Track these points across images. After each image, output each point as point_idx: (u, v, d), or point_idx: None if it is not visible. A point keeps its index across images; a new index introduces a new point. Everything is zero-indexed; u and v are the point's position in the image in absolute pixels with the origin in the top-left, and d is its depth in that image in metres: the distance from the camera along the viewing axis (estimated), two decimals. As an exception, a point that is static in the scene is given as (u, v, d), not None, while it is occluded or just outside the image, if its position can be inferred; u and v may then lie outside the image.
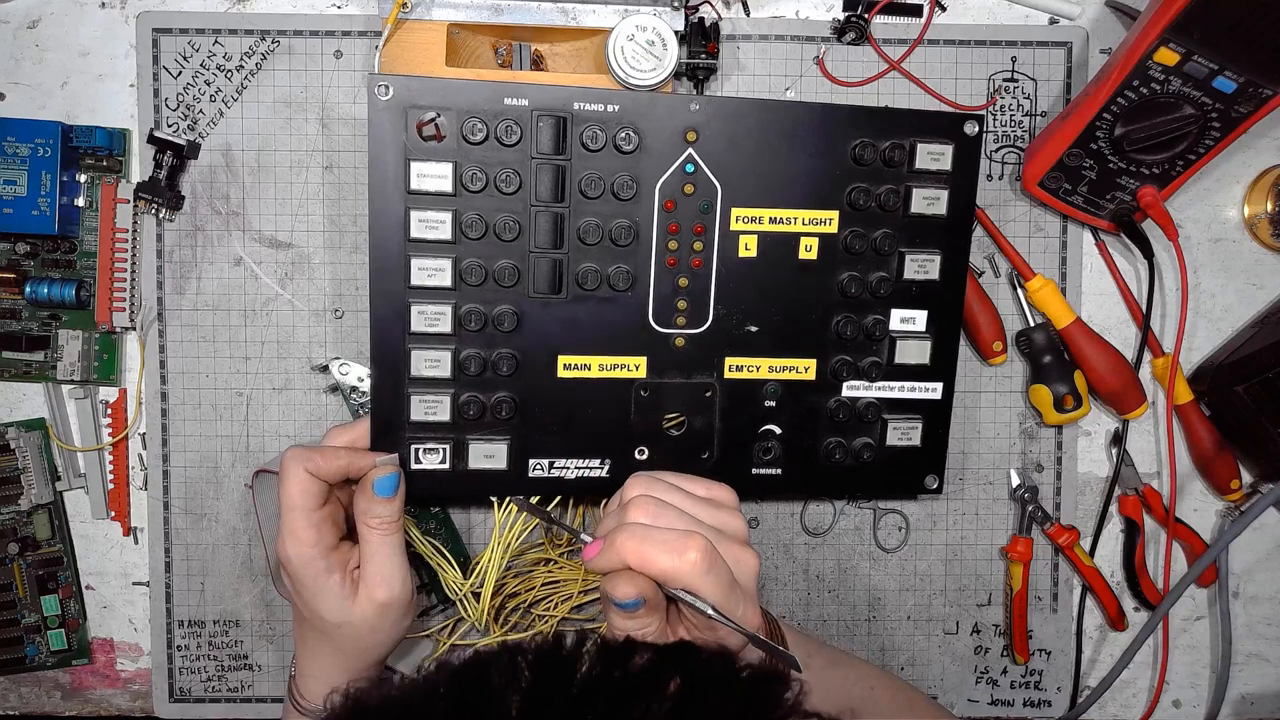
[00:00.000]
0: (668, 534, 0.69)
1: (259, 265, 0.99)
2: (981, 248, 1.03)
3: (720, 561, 0.69)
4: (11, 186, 0.93)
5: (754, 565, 0.73)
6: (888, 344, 0.94)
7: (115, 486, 1.01)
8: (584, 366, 0.91)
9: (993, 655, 1.08)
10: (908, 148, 0.90)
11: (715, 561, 0.68)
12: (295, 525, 0.84)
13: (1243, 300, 1.06)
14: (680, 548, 0.68)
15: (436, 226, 0.85)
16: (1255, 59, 0.86)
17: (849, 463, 0.96)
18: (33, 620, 1.01)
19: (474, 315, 0.88)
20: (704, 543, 0.69)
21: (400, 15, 0.92)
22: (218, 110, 0.98)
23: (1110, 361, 1.01)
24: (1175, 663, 1.09)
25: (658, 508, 0.73)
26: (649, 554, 0.69)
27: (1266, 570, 1.09)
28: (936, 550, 1.06)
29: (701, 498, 0.77)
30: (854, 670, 0.90)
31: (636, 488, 0.76)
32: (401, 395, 0.89)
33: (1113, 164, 0.95)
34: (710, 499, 0.77)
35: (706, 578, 0.68)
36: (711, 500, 0.77)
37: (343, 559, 0.86)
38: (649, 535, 0.70)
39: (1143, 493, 1.05)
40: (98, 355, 0.99)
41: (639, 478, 0.78)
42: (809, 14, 1.01)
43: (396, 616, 0.87)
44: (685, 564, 0.68)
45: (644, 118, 0.87)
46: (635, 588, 0.69)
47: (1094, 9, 1.02)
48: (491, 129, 0.85)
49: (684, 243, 0.89)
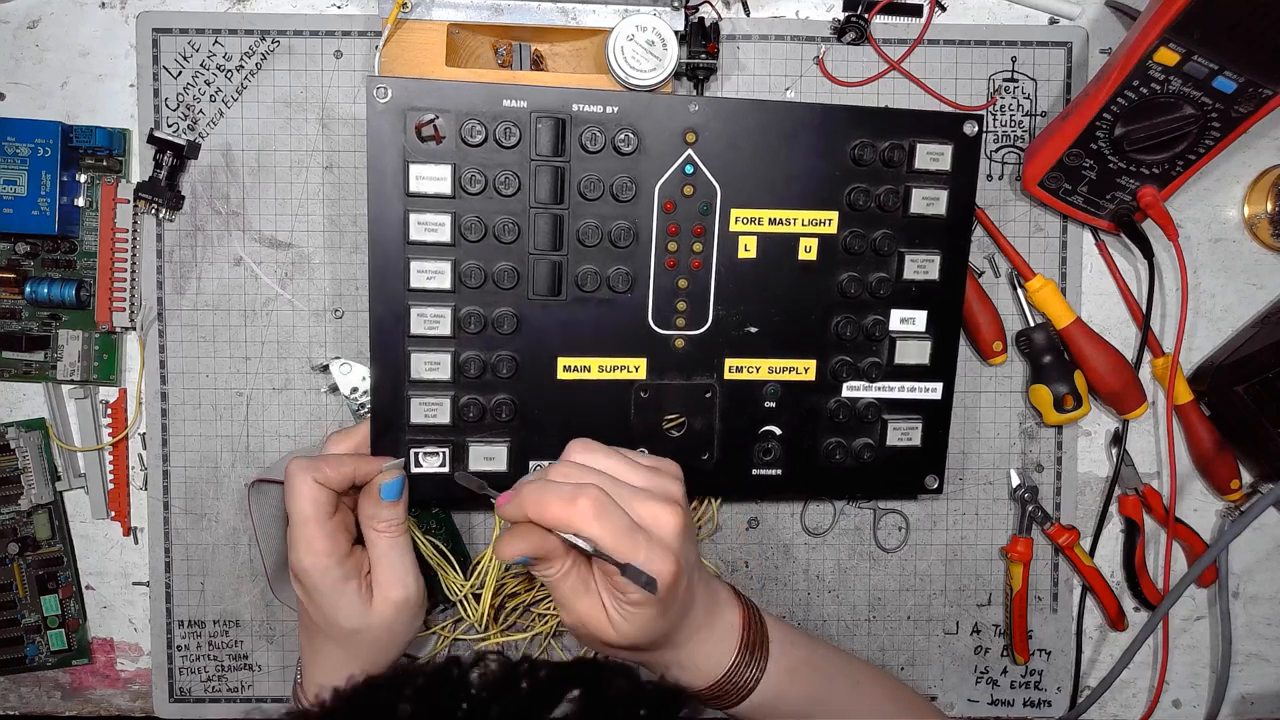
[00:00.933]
0: (563, 486, 0.74)
1: (259, 265, 0.99)
2: (981, 248, 1.03)
3: (613, 511, 0.73)
4: (11, 186, 0.93)
5: (673, 521, 0.76)
6: (887, 344, 0.94)
7: (115, 486, 1.01)
8: (584, 368, 0.91)
9: (993, 655, 1.08)
10: (907, 148, 0.90)
11: (606, 510, 0.73)
12: (310, 536, 0.84)
13: (1243, 300, 1.06)
14: (571, 497, 0.73)
15: (436, 229, 0.85)
16: (1255, 59, 0.86)
17: (849, 463, 0.97)
18: (33, 620, 1.01)
19: (473, 317, 0.88)
20: (595, 492, 0.73)
21: (400, 15, 0.92)
22: (218, 110, 0.98)
23: (1110, 361, 1.01)
24: (1175, 663, 1.09)
25: (576, 469, 0.78)
26: (545, 503, 0.74)
27: (1266, 570, 1.09)
28: (936, 550, 1.06)
29: (640, 464, 0.81)
30: (841, 666, 0.90)
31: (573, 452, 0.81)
32: (401, 398, 0.89)
33: (1113, 164, 0.95)
34: (649, 466, 0.81)
35: (595, 523, 0.72)
36: (649, 466, 0.81)
37: (357, 565, 0.86)
38: (547, 487, 0.75)
39: (1143, 493, 1.05)
40: (98, 355, 0.99)
41: (577, 443, 0.81)
42: (809, 14, 1.01)
43: (410, 616, 0.88)
44: (575, 511, 0.72)
45: (643, 119, 0.87)
46: (516, 548, 0.76)
47: (1094, 9, 1.02)
48: (490, 131, 0.84)
49: (683, 244, 0.89)
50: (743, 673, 0.82)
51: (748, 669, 0.82)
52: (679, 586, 0.76)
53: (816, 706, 0.86)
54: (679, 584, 0.76)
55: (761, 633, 0.84)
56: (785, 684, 0.84)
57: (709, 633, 0.82)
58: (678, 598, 0.77)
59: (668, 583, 0.74)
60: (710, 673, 0.82)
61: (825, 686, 0.87)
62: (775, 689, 0.84)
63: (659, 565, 0.73)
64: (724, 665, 0.82)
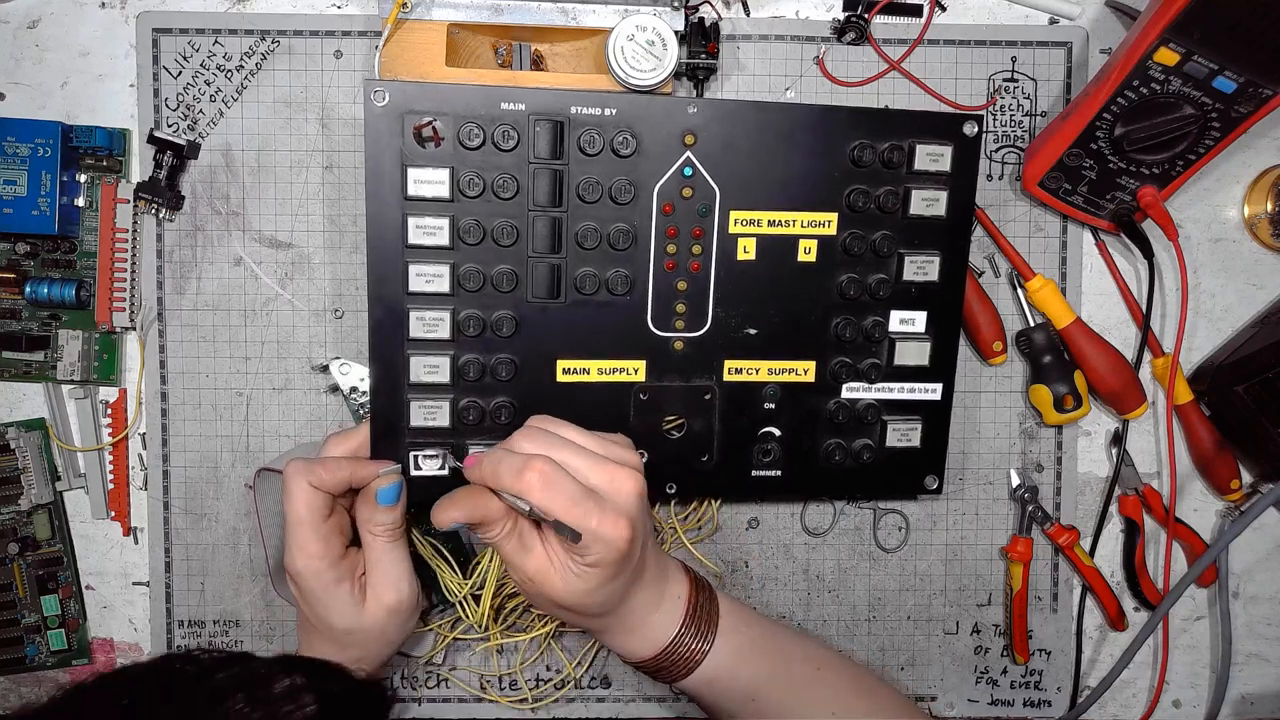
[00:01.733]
0: (516, 457, 0.77)
1: (259, 265, 0.99)
2: (981, 248, 1.03)
3: (561, 480, 0.76)
4: (11, 186, 0.93)
5: (631, 485, 0.78)
6: (887, 345, 0.94)
7: (115, 486, 1.01)
8: (583, 370, 0.91)
9: (993, 655, 1.08)
10: (907, 149, 0.90)
11: (552, 480, 0.75)
12: (303, 539, 0.84)
13: (1243, 300, 1.06)
14: (520, 468, 0.76)
15: (434, 232, 0.85)
16: (1255, 59, 0.86)
17: (848, 464, 0.97)
18: (33, 620, 1.01)
19: (472, 320, 0.88)
20: (543, 463, 0.76)
21: (400, 15, 0.92)
22: (218, 110, 0.98)
23: (1110, 361, 1.01)
24: (1175, 663, 1.09)
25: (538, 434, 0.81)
26: (498, 473, 0.77)
27: (1266, 570, 1.09)
28: (936, 550, 1.06)
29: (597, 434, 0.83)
30: (802, 652, 0.90)
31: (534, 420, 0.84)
32: (401, 401, 0.89)
33: (1113, 164, 0.95)
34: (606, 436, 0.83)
35: (542, 493, 0.75)
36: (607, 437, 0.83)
37: (351, 567, 0.87)
38: (502, 457, 0.78)
39: (1143, 493, 1.05)
40: (98, 355, 0.99)
41: (538, 416, 0.84)
42: (809, 14, 1.01)
43: (403, 619, 0.89)
44: (522, 482, 0.75)
45: (641, 121, 0.87)
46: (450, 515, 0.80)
47: (1094, 9, 1.01)
48: (488, 134, 0.84)
49: (682, 246, 0.89)
50: (688, 645, 0.84)
51: (693, 642, 0.84)
52: (633, 549, 0.78)
53: (767, 687, 0.87)
54: (633, 547, 0.78)
55: (710, 609, 0.86)
56: (734, 661, 0.85)
57: (655, 603, 0.84)
58: (631, 562, 0.79)
59: (620, 547, 0.76)
60: (655, 642, 0.84)
61: (780, 669, 0.88)
62: (722, 665, 0.85)
63: (610, 529, 0.75)
64: (668, 636, 0.84)
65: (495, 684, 1.04)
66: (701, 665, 0.84)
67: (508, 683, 1.05)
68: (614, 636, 0.85)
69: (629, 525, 0.76)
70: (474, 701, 1.04)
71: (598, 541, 0.75)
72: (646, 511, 0.80)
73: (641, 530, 0.78)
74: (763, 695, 0.86)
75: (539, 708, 1.05)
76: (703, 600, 0.86)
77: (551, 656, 1.04)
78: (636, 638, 0.84)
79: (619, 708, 1.06)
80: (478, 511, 0.80)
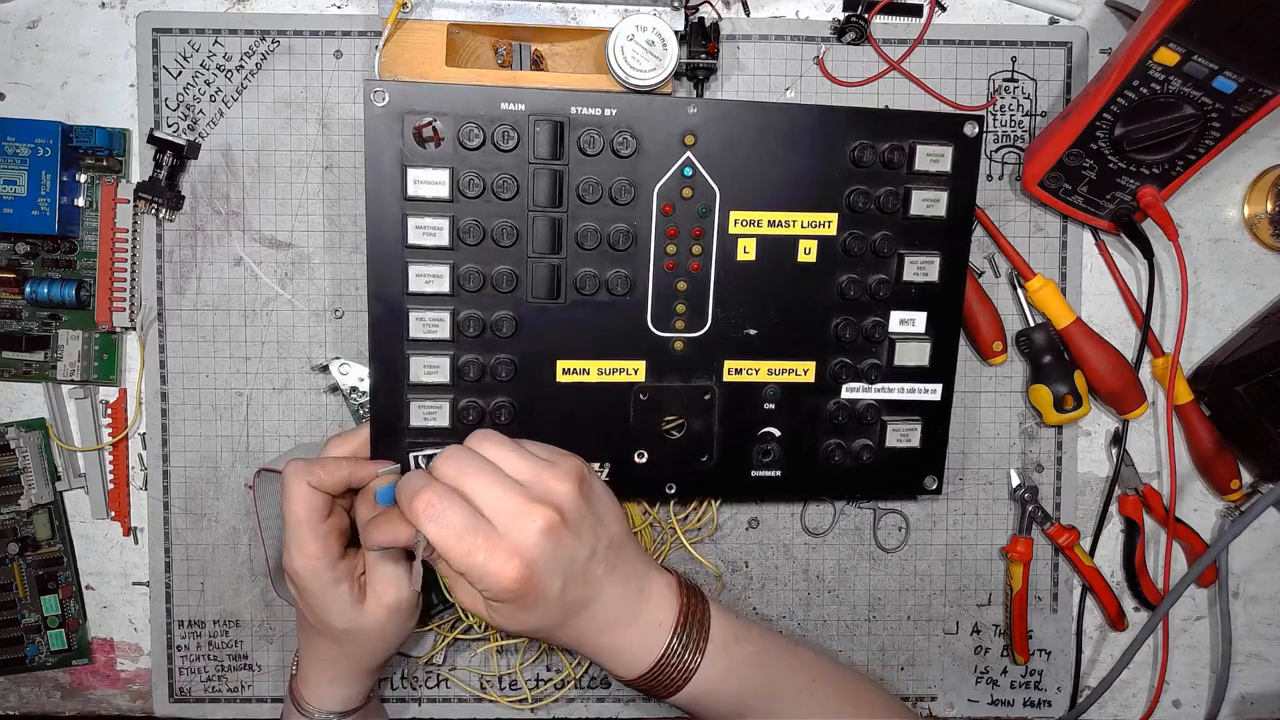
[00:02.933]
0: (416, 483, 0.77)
1: (259, 265, 0.99)
2: (981, 248, 1.03)
3: (450, 514, 0.75)
4: (11, 186, 0.93)
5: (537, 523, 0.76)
6: (887, 346, 0.94)
7: (115, 486, 1.01)
8: (583, 371, 0.90)
9: (993, 655, 1.08)
10: (907, 149, 0.90)
11: (440, 513, 0.75)
12: (301, 539, 0.84)
13: (1243, 300, 1.06)
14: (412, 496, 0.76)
15: (434, 233, 0.85)
16: (1255, 59, 0.86)
17: (848, 464, 0.96)
18: (33, 620, 1.02)
19: (472, 321, 0.88)
20: (432, 495, 0.75)
21: (400, 15, 0.91)
22: (218, 110, 0.98)
23: (1110, 361, 1.01)
24: (1175, 663, 1.10)
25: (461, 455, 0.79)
26: (401, 496, 0.78)
27: (1266, 570, 1.09)
28: (936, 550, 1.06)
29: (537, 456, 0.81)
30: (796, 664, 0.90)
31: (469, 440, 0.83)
32: (401, 401, 0.89)
33: (1113, 164, 0.95)
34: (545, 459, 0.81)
35: (429, 524, 0.74)
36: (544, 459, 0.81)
37: (349, 568, 0.87)
38: (409, 481, 0.78)
39: (1143, 493, 1.05)
40: (98, 355, 0.99)
41: (478, 433, 0.83)
42: (809, 14, 1.01)
43: (402, 619, 0.89)
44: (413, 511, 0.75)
45: (641, 121, 0.86)
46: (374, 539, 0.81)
47: (1094, 9, 1.01)
48: (488, 134, 0.84)
49: (682, 246, 0.89)
50: (674, 665, 0.83)
51: (680, 661, 0.83)
52: (530, 588, 0.76)
53: (757, 702, 0.86)
54: (529, 585, 0.75)
55: (701, 628, 0.84)
56: (723, 680, 0.85)
57: (628, 625, 0.83)
58: (535, 598, 0.77)
59: (507, 585, 0.75)
60: (637, 664, 0.83)
61: (772, 682, 0.87)
62: (711, 684, 0.84)
63: (496, 567, 0.74)
64: (652, 658, 0.82)
65: (495, 684, 1.04)
66: (692, 681, 0.83)
67: (508, 683, 1.05)
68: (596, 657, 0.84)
69: (520, 565, 0.74)
70: (474, 701, 1.04)
71: (485, 578, 0.74)
72: (559, 548, 0.77)
73: (545, 567, 0.76)
74: (754, 710, 0.86)
75: (539, 708, 1.05)
76: (693, 617, 0.84)
77: (551, 657, 1.04)
78: (616, 660, 0.83)
79: (619, 708, 1.06)
80: (397, 538, 0.80)
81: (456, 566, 0.75)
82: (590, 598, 0.80)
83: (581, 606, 0.80)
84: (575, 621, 0.81)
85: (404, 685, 1.04)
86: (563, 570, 0.77)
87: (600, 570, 0.81)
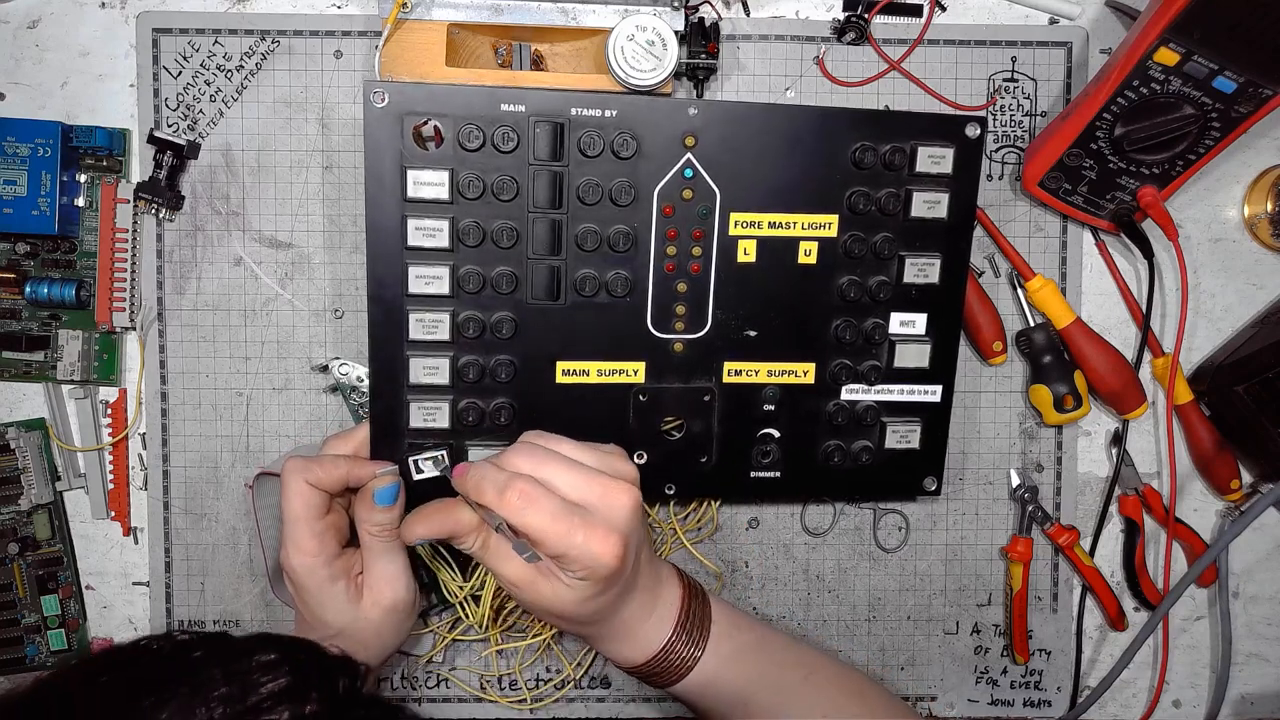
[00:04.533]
0: (500, 475, 0.77)
1: (259, 265, 0.99)
2: (981, 248, 1.03)
3: (542, 500, 0.76)
4: (11, 186, 0.93)
5: (625, 500, 0.78)
6: (887, 347, 0.94)
7: (115, 486, 1.01)
8: (582, 372, 0.91)
9: (993, 655, 1.08)
10: (908, 151, 0.90)
11: (533, 500, 0.75)
12: (298, 537, 0.85)
13: (1243, 300, 1.06)
14: (504, 486, 0.76)
15: (434, 234, 0.85)
16: (1255, 59, 0.86)
17: (847, 465, 0.97)
18: (33, 620, 1.02)
19: (472, 322, 0.88)
20: (524, 484, 0.76)
21: (400, 15, 0.91)
22: (218, 110, 0.98)
23: (1110, 361, 1.01)
24: (1175, 663, 1.10)
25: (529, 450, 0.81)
26: (482, 489, 0.77)
27: (1266, 570, 1.09)
28: (936, 550, 1.06)
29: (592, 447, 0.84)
30: (794, 657, 0.90)
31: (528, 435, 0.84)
32: (400, 402, 0.89)
33: (1113, 164, 0.95)
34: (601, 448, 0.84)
35: (522, 515, 0.75)
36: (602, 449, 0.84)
37: (346, 566, 0.87)
38: (487, 472, 0.78)
39: (1143, 493, 1.05)
40: (98, 355, 0.99)
41: (531, 433, 0.85)
42: (809, 14, 1.00)
43: (400, 619, 0.89)
44: (504, 503, 0.76)
45: (642, 123, 0.86)
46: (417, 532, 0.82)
47: (1094, 9, 1.01)
48: (488, 136, 0.84)
49: (682, 248, 0.89)
50: (679, 652, 0.83)
51: (685, 648, 0.84)
52: (625, 565, 0.77)
53: (757, 692, 0.86)
54: (625, 563, 0.77)
55: (703, 615, 0.86)
56: (724, 667, 0.85)
57: (648, 611, 0.84)
58: (624, 575, 0.78)
59: (610, 563, 0.76)
60: (646, 649, 0.83)
61: (770, 674, 0.87)
62: (713, 671, 0.85)
63: (599, 545, 0.75)
64: (660, 643, 0.83)
65: (495, 684, 1.04)
66: (693, 671, 0.84)
67: (508, 683, 1.05)
68: (606, 643, 0.85)
69: (620, 541, 0.76)
70: (474, 701, 1.05)
71: (586, 556, 0.75)
72: (641, 525, 0.80)
73: (634, 544, 0.78)
74: (752, 700, 0.86)
75: (539, 708, 1.05)
76: (695, 607, 0.85)
77: (551, 657, 1.04)
78: (628, 645, 0.84)
79: (619, 708, 1.06)
80: (446, 527, 0.80)
81: (555, 550, 0.75)
82: (634, 583, 0.82)
83: (629, 588, 0.82)
84: (619, 605, 0.82)
85: (404, 685, 1.04)
86: (638, 547, 0.80)
87: (644, 551, 0.83)
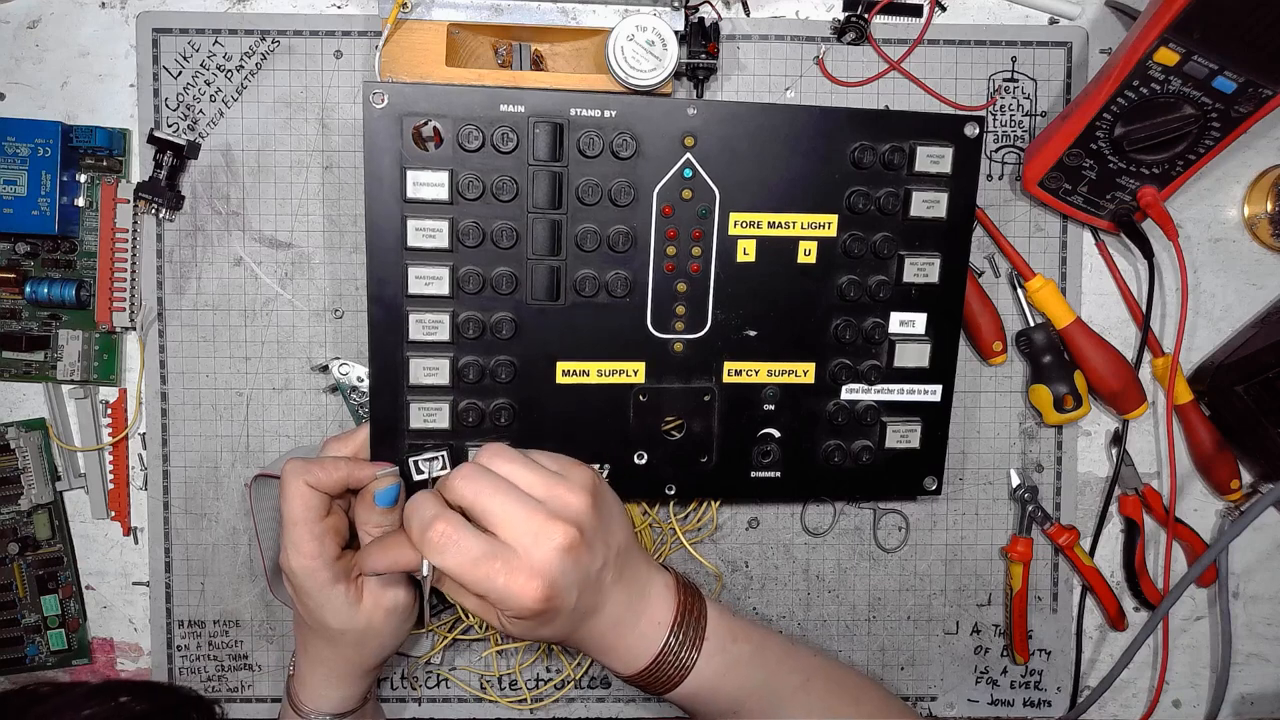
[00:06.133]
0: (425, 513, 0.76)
1: (259, 265, 0.99)
2: (981, 248, 1.03)
3: (462, 543, 0.75)
4: (11, 186, 0.93)
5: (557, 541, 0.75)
6: (887, 347, 0.94)
7: (115, 486, 1.01)
8: (582, 373, 0.91)
9: (993, 655, 1.08)
10: (907, 150, 0.90)
11: (451, 544, 0.74)
12: (298, 538, 0.84)
13: (1243, 300, 1.06)
14: (424, 526, 0.75)
15: (434, 235, 0.85)
16: (1255, 59, 0.86)
17: (847, 465, 0.97)
18: (33, 620, 1.02)
19: (472, 323, 0.88)
20: (443, 527, 0.75)
21: (400, 15, 0.91)
22: (218, 110, 0.98)
23: (1110, 361, 1.01)
24: (1175, 663, 1.10)
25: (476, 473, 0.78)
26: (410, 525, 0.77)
27: (1266, 570, 1.09)
28: (936, 550, 1.06)
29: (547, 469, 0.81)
30: (792, 664, 0.90)
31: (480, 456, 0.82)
32: (400, 403, 0.89)
33: (1113, 164, 0.95)
34: (554, 471, 0.81)
35: (439, 556, 0.75)
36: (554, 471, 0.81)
37: (346, 567, 0.87)
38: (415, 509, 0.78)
39: (1143, 493, 1.05)
40: (98, 355, 0.99)
41: (489, 447, 0.82)
42: (809, 14, 1.00)
43: (398, 621, 0.89)
44: (424, 543, 0.75)
45: (641, 123, 0.86)
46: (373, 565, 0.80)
47: (1094, 9, 1.01)
48: (488, 136, 0.84)
49: (682, 248, 0.89)
50: (670, 663, 0.83)
51: (679, 657, 0.83)
52: (551, 605, 0.76)
53: (754, 700, 0.87)
54: (551, 603, 0.75)
55: (698, 626, 0.85)
56: (718, 677, 0.85)
57: (632, 626, 0.83)
58: (559, 613, 0.77)
59: (529, 605, 0.74)
60: (635, 662, 0.83)
61: (767, 680, 0.87)
62: (707, 681, 0.84)
63: (518, 588, 0.74)
64: (650, 655, 0.83)
65: (495, 684, 1.04)
66: (688, 678, 0.83)
67: (508, 683, 1.05)
68: (594, 655, 0.85)
69: (541, 584, 0.74)
70: (474, 701, 1.05)
71: (507, 599, 0.74)
72: (577, 564, 0.77)
73: (565, 584, 0.76)
74: (750, 707, 0.86)
75: (539, 708, 1.05)
76: (690, 615, 0.85)
77: (551, 657, 1.04)
78: (614, 658, 0.83)
79: (619, 708, 1.06)
80: (401, 561, 0.79)
81: (475, 590, 0.75)
82: (599, 604, 0.81)
83: (591, 613, 0.81)
84: (584, 626, 0.81)
85: (404, 685, 1.04)
86: (579, 583, 0.78)
87: (610, 577, 0.81)
